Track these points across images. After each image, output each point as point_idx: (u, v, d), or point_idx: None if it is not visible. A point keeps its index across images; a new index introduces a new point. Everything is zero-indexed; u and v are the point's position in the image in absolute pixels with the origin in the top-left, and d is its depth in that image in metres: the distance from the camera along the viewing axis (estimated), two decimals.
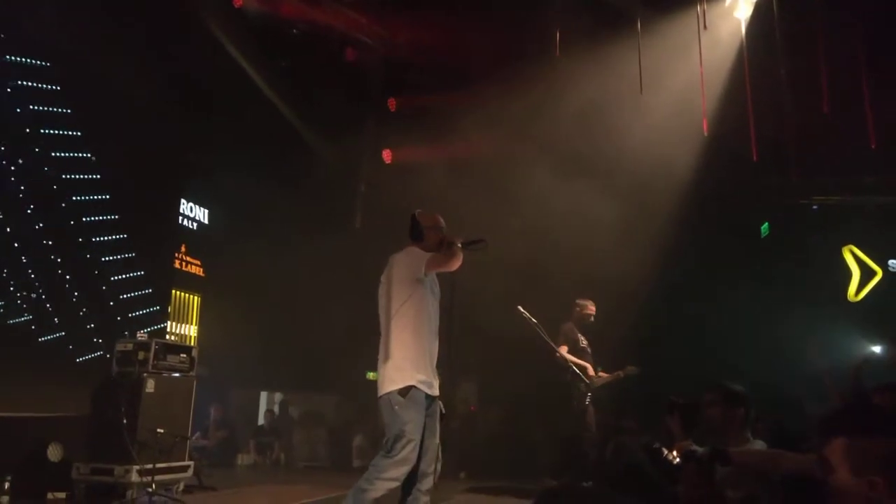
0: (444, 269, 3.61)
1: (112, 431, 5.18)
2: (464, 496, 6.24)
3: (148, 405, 5.38)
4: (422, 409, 3.55)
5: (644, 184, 7.11)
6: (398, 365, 3.56)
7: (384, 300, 3.69)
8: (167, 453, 5.40)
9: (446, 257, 3.58)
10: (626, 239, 7.18)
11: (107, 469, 5.14)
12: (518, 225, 7.28)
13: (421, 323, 3.62)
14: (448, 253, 3.59)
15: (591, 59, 6.63)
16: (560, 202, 7.14)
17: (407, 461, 3.47)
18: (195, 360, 6.03)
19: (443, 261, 3.58)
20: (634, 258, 7.32)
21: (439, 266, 3.60)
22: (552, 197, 7.20)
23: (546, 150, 7.15)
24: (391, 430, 3.51)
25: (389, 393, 3.54)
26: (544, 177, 7.19)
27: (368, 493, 3.47)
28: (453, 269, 3.60)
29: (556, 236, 7.43)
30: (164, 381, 5.62)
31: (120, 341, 5.71)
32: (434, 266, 3.60)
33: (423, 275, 3.60)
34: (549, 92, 6.85)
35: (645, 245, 7.45)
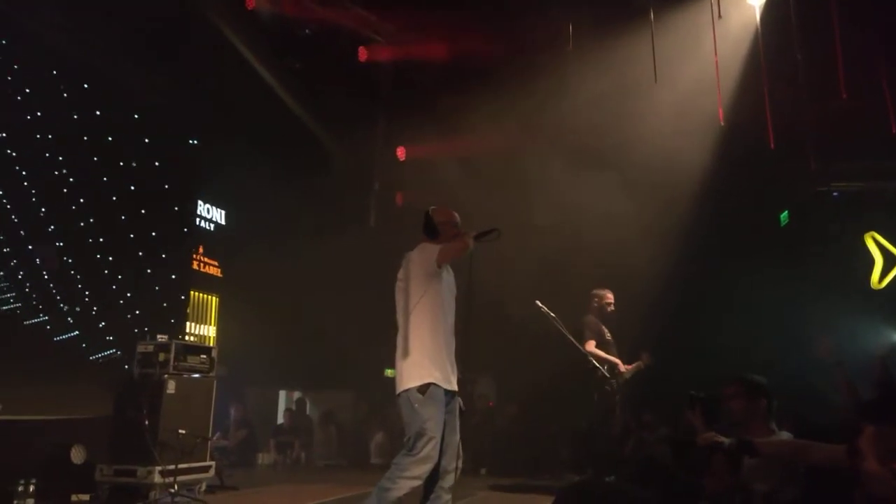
0: (456, 255, 3.60)
1: (134, 433, 5.24)
2: (485, 493, 6.23)
3: (169, 406, 5.43)
4: (442, 406, 3.53)
5: (661, 175, 7.03)
6: (416, 361, 3.54)
7: (401, 297, 3.68)
8: (189, 454, 5.45)
9: (454, 244, 3.58)
10: (644, 230, 7.12)
11: (130, 470, 5.20)
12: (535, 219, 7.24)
13: (438, 318, 3.61)
14: (455, 242, 3.59)
15: (604, 52, 6.56)
16: (577, 195, 7.08)
17: (429, 459, 3.45)
18: (215, 360, 6.08)
19: (452, 249, 3.58)
20: (653, 249, 7.25)
21: (450, 254, 3.59)
22: (568, 190, 7.15)
23: (561, 144, 7.09)
24: (412, 427, 3.49)
25: (408, 390, 3.52)
26: (560, 170, 7.14)
27: (391, 492, 3.46)
28: (464, 254, 3.58)
29: (573, 229, 7.38)
30: (185, 381, 5.66)
31: (140, 343, 5.76)
32: (445, 256, 3.58)
33: (438, 267, 3.59)
34: (563, 85, 6.79)
35: (663, 236, 7.37)
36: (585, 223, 7.21)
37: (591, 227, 7.14)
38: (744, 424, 3.13)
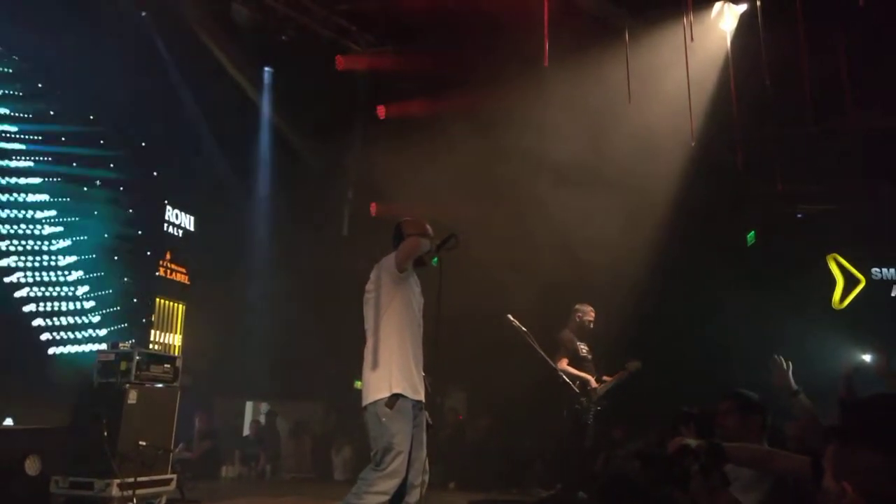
0: (412, 252, 3.59)
1: (92, 444, 5.04)
2: None
3: (130, 417, 5.25)
4: (409, 420, 3.50)
5: (632, 193, 7.14)
6: (384, 373, 3.51)
7: (369, 308, 3.67)
8: (149, 466, 5.29)
9: (405, 243, 3.59)
10: (613, 248, 7.19)
11: (86, 483, 5.01)
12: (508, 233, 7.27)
13: (406, 329, 3.59)
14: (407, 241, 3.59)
15: (579, 70, 6.66)
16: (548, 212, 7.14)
17: (397, 474, 3.41)
18: (179, 370, 5.92)
19: (405, 248, 3.58)
20: (621, 268, 7.33)
21: (407, 253, 3.58)
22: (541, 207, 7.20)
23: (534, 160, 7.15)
24: (379, 442, 3.45)
25: (375, 402, 3.49)
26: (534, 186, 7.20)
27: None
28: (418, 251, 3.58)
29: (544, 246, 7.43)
30: (147, 392, 5.49)
31: (101, 352, 5.59)
32: (403, 256, 3.58)
33: (400, 272, 3.57)
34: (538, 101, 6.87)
35: (632, 254, 7.46)
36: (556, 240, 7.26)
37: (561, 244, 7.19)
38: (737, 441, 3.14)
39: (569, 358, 6.20)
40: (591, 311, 6.42)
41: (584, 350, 6.34)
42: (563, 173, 7.08)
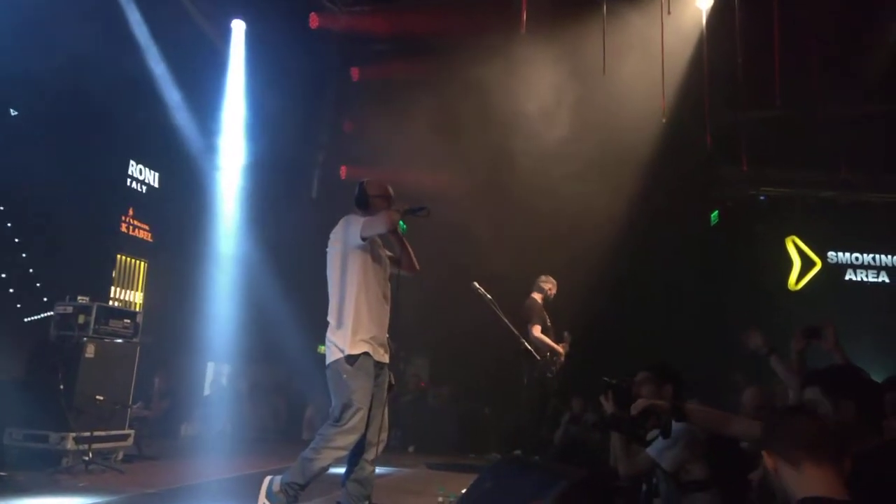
0: (380, 230, 3.55)
1: (48, 397, 5.03)
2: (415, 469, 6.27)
3: (87, 371, 5.23)
4: (371, 377, 3.53)
5: (601, 166, 7.19)
6: (346, 333, 3.51)
7: (331, 270, 3.65)
8: (106, 421, 5.27)
9: (378, 218, 3.53)
10: (579, 220, 7.26)
11: (41, 436, 5.00)
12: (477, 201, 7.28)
13: (368, 290, 3.59)
14: (380, 215, 3.53)
15: (556, 39, 6.63)
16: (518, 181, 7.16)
17: (355, 430, 3.44)
18: (139, 326, 5.85)
19: (375, 223, 3.53)
20: (587, 241, 7.41)
21: (374, 228, 3.53)
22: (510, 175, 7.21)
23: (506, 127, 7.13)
24: (339, 398, 3.47)
25: (337, 360, 3.50)
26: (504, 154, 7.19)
27: (315, 462, 3.43)
28: (387, 230, 3.54)
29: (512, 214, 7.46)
30: (106, 346, 5.46)
31: (59, 304, 5.49)
32: (369, 229, 3.53)
33: (362, 240, 3.55)
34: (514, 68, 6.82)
35: (598, 226, 7.55)
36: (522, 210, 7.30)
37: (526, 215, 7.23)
38: None
39: (541, 325, 6.27)
40: (553, 284, 6.53)
41: (548, 320, 6.45)
42: (534, 142, 7.09)
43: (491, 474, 3.51)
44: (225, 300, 8.39)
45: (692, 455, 3.01)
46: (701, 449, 3.03)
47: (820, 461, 1.65)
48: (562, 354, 6.24)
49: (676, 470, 3.04)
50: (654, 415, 2.73)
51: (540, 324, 6.23)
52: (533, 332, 6.13)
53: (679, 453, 3.01)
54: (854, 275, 9.40)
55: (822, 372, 2.45)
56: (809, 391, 2.25)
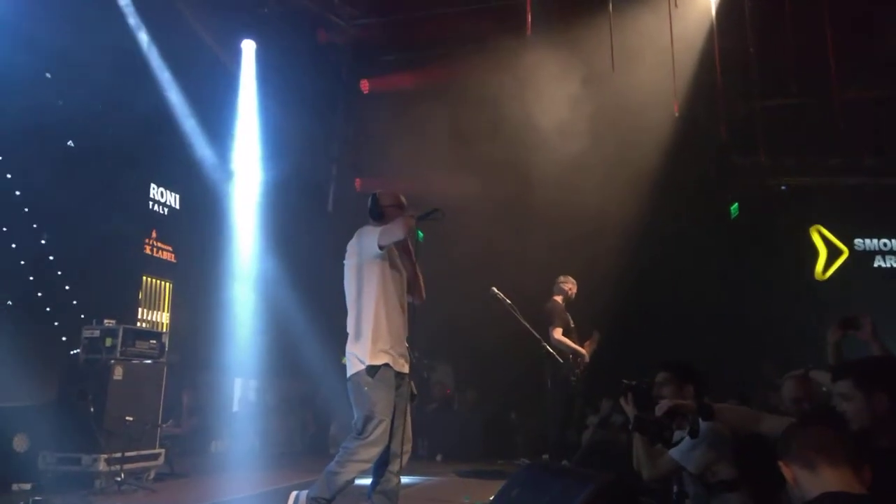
0: (396, 237, 3.52)
1: (79, 420, 5.14)
2: (444, 478, 6.25)
3: (116, 392, 5.32)
4: (392, 389, 3.53)
5: (616, 165, 7.12)
6: (366, 344, 3.52)
7: (348, 282, 3.67)
8: (137, 441, 5.36)
9: (393, 226, 3.50)
10: (597, 222, 7.20)
11: (74, 458, 5.09)
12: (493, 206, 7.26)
13: (387, 301, 3.59)
14: (395, 222, 3.51)
15: (563, 39, 6.60)
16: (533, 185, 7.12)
17: (378, 442, 3.44)
18: (165, 346, 5.94)
19: (392, 231, 3.50)
20: (606, 242, 7.35)
21: (390, 236, 3.51)
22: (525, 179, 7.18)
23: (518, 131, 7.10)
24: (361, 410, 3.48)
25: (358, 373, 3.51)
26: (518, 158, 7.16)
27: (340, 476, 3.44)
28: (404, 237, 3.51)
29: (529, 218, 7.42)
30: (133, 367, 5.54)
31: (86, 328, 5.60)
32: (386, 238, 3.51)
33: (380, 249, 3.54)
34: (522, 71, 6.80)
35: (616, 227, 7.48)
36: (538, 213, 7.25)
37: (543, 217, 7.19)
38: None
39: (563, 328, 6.19)
40: (574, 284, 6.46)
41: (571, 322, 6.38)
42: (548, 145, 7.05)
43: (517, 482, 3.48)
44: (249, 316, 8.50)
45: (718, 455, 2.96)
46: (726, 448, 2.96)
47: (836, 464, 1.64)
48: (586, 355, 6.16)
49: (703, 471, 2.98)
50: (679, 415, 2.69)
51: (562, 326, 6.16)
52: (554, 334, 6.07)
53: (704, 454, 2.95)
54: (883, 261, 9.17)
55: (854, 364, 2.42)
56: (841, 384, 2.21)
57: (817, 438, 1.70)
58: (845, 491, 1.60)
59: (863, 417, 2.09)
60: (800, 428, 1.78)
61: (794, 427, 1.82)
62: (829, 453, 1.66)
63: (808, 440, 1.71)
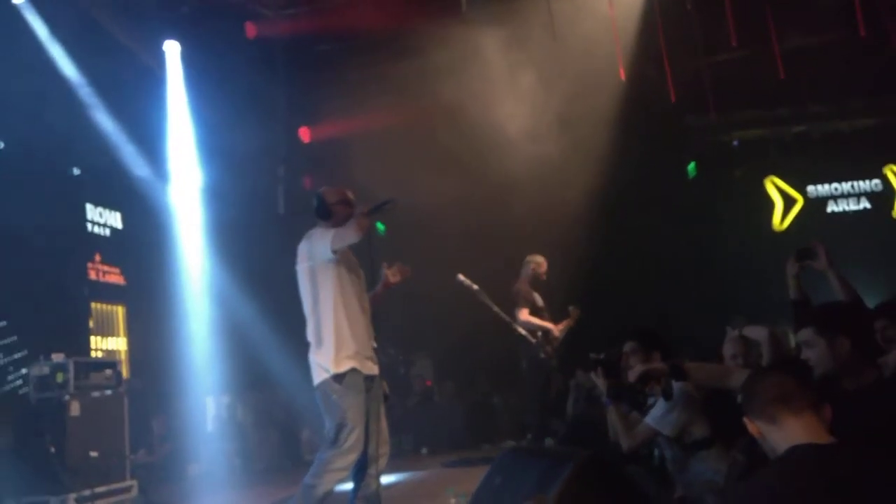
0: (350, 240, 3.37)
1: (40, 462, 4.94)
2: (429, 471, 6.16)
3: (75, 429, 5.13)
4: (361, 393, 3.41)
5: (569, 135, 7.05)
6: (329, 352, 3.39)
7: (303, 288, 3.52)
8: (105, 475, 5.17)
9: (348, 228, 3.35)
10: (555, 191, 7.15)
11: (41, 502, 4.85)
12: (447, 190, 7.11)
13: (347, 304, 3.46)
14: (349, 224, 3.36)
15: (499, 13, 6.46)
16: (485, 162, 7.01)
17: (354, 449, 3.35)
18: (121, 374, 5.72)
19: (346, 233, 3.35)
20: (566, 211, 7.30)
21: (344, 239, 3.36)
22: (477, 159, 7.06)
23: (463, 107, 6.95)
24: (332, 419, 3.38)
25: (325, 381, 3.39)
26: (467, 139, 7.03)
27: (318, 489, 3.34)
28: (360, 238, 3.34)
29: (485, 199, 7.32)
30: (91, 401, 5.33)
31: (34, 365, 5.32)
32: (340, 241, 3.36)
33: (333, 254, 3.39)
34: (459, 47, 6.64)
35: (578, 198, 7.44)
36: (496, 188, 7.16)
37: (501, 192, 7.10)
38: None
39: (529, 309, 6.15)
40: (544, 262, 6.38)
41: (540, 302, 6.33)
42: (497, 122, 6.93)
43: (499, 469, 3.40)
44: (210, 332, 8.20)
45: (691, 416, 3.00)
46: (699, 408, 3.01)
47: (797, 412, 1.65)
48: (555, 330, 6.12)
49: (679, 434, 3.02)
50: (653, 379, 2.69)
51: (527, 306, 6.10)
52: (520, 316, 6.03)
53: (678, 417, 2.99)
54: (836, 205, 9.38)
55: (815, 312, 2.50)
56: (804, 333, 2.26)
57: (774, 390, 1.70)
58: (812, 442, 1.60)
59: (826, 362, 2.15)
60: (756, 382, 1.78)
61: (750, 381, 1.82)
62: (788, 403, 1.66)
63: (765, 393, 1.71)
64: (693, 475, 3.01)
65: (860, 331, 2.21)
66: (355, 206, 3.52)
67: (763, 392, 1.72)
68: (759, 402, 1.73)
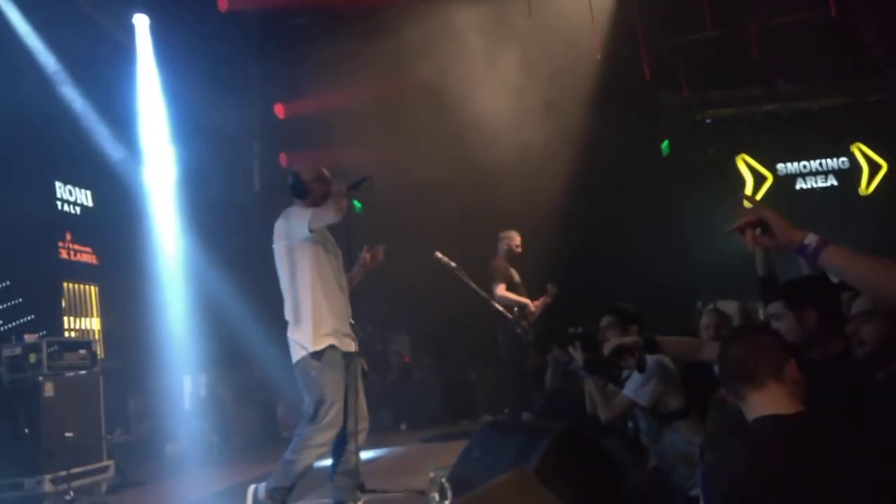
0: (329, 220, 3.39)
1: (15, 444, 4.85)
2: (409, 446, 6.25)
3: (49, 410, 5.05)
4: (340, 369, 3.45)
5: (543, 113, 7.07)
6: (307, 330, 3.42)
7: (280, 267, 3.53)
8: (82, 456, 5.13)
9: (326, 209, 3.36)
10: (531, 169, 7.18)
11: (16, 484, 4.83)
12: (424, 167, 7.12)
13: (324, 281, 3.48)
14: (328, 204, 3.37)
15: None
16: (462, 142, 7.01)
17: (333, 425, 3.39)
18: (96, 354, 5.66)
19: (324, 213, 3.37)
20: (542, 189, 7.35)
21: (323, 219, 3.38)
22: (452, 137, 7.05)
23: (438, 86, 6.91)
24: (311, 395, 3.42)
25: (303, 358, 3.42)
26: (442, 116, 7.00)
27: (297, 464, 3.39)
28: (339, 219, 3.36)
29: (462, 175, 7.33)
30: (65, 381, 5.25)
31: (6, 346, 5.23)
32: (318, 220, 3.38)
33: (310, 233, 3.40)
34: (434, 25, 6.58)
35: (554, 176, 7.48)
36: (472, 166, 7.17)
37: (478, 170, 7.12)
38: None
39: (506, 283, 6.20)
40: (517, 236, 6.42)
41: (517, 277, 6.39)
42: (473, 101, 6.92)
43: (478, 442, 3.49)
44: (186, 310, 8.14)
45: (667, 387, 3.08)
46: (675, 380, 3.10)
47: (759, 385, 1.65)
48: (531, 306, 6.20)
49: (654, 404, 3.10)
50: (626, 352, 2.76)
51: (504, 282, 6.16)
52: (497, 291, 6.08)
53: (655, 388, 3.06)
54: (804, 183, 9.58)
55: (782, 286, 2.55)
56: (773, 306, 2.32)
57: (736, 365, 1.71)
58: (778, 413, 1.61)
59: (795, 334, 2.18)
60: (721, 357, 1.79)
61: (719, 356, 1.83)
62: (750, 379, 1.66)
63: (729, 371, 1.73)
64: (666, 446, 3.09)
65: (827, 303, 2.25)
66: (331, 183, 3.52)
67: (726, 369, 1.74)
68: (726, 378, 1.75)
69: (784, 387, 1.64)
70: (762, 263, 3.18)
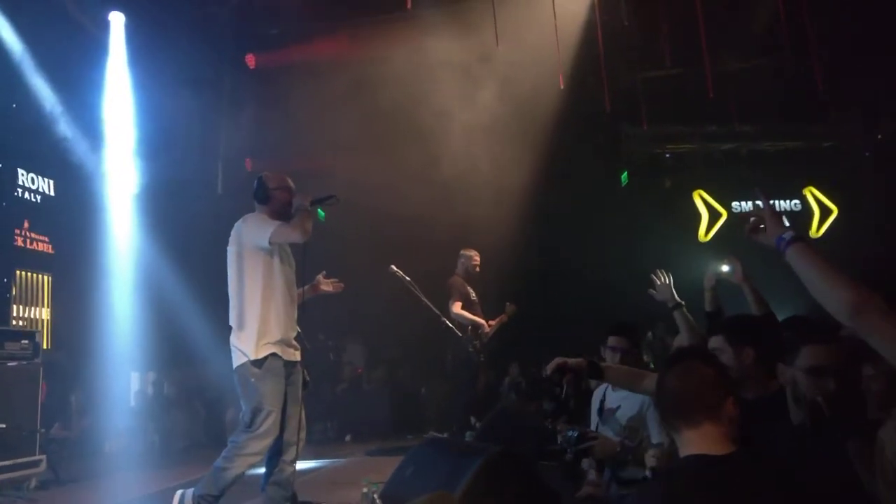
0: (293, 240, 3.41)
1: None
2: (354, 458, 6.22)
3: None
4: (280, 378, 3.45)
5: (508, 139, 7.21)
6: (251, 338, 3.41)
7: (231, 270, 3.52)
8: (13, 449, 4.98)
9: (293, 228, 3.36)
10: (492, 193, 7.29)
11: None
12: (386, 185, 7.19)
13: (274, 293, 3.47)
14: (295, 223, 3.37)
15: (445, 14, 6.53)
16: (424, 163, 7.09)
17: (268, 434, 3.37)
18: (39, 345, 5.52)
19: (290, 232, 3.37)
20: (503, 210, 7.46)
21: (287, 237, 3.40)
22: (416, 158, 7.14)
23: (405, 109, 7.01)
24: (248, 403, 3.40)
25: (244, 365, 3.41)
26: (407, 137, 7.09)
27: (229, 472, 3.36)
28: (303, 240, 3.37)
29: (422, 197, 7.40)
30: (3, 371, 5.09)
31: None
32: (281, 237, 3.39)
33: (269, 245, 3.41)
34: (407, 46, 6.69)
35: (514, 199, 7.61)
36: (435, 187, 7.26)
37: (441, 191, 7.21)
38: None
39: (462, 302, 6.22)
40: (476, 255, 6.46)
41: (474, 295, 6.41)
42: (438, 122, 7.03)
43: (412, 460, 3.51)
44: (139, 306, 8.01)
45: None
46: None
47: (693, 423, 1.61)
48: (485, 326, 6.25)
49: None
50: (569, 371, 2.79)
51: (460, 300, 6.19)
52: (453, 309, 6.11)
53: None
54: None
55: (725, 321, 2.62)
56: (714, 340, 2.37)
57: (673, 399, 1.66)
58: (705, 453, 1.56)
59: (732, 370, 2.18)
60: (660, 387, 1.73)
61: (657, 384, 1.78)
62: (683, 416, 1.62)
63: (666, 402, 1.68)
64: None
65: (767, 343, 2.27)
66: (295, 194, 3.55)
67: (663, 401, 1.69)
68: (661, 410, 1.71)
69: (718, 427, 1.59)
70: (710, 300, 3.31)
